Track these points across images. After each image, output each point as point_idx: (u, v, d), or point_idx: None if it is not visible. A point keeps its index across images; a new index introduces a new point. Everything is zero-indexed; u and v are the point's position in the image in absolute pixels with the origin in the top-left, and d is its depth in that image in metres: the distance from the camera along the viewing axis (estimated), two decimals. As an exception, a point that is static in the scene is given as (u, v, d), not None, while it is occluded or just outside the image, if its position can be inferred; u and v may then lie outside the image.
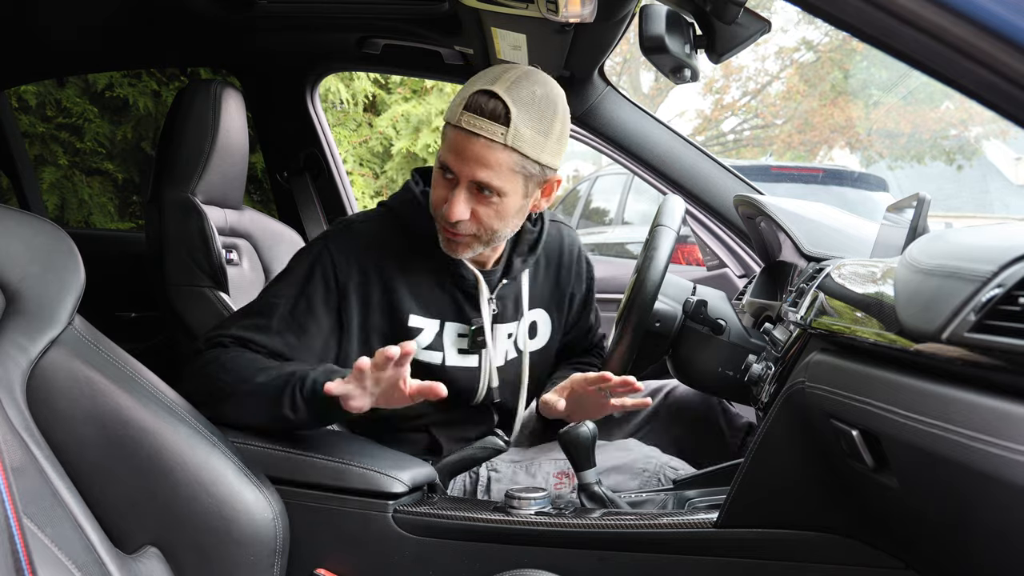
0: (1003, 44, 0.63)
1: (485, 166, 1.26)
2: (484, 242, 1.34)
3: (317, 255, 1.36)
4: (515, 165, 1.27)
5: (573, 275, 1.57)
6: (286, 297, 1.33)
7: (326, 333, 1.34)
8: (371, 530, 1.20)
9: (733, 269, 2.33)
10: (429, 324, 1.39)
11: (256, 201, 3.69)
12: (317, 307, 1.33)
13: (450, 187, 1.30)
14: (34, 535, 0.87)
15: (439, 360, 1.40)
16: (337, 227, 1.43)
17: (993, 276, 0.69)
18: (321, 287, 1.34)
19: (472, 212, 1.29)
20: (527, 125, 1.25)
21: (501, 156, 1.25)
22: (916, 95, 12.18)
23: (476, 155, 1.25)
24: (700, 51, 1.44)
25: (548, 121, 1.28)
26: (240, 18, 1.96)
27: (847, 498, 1.03)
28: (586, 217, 5.96)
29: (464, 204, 1.28)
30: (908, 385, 0.79)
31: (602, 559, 1.15)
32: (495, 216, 1.30)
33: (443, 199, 1.30)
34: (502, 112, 1.24)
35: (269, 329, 1.31)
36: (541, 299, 1.52)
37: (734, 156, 14.11)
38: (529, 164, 1.28)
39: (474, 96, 1.26)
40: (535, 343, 1.52)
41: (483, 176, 1.26)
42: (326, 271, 1.34)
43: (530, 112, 1.26)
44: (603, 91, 2.07)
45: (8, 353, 0.98)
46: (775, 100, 14.07)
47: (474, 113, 1.25)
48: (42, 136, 3.58)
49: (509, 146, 1.25)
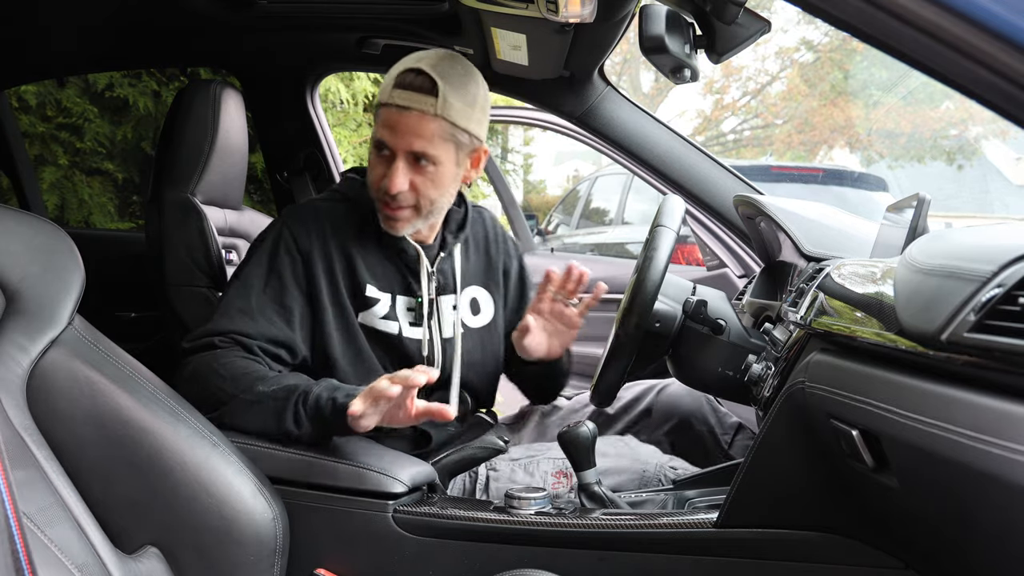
0: (1003, 44, 0.63)
1: (419, 136, 1.35)
2: (423, 215, 1.42)
3: (278, 232, 1.43)
4: (446, 134, 1.36)
5: (502, 251, 1.65)
6: (257, 276, 1.39)
7: (302, 304, 1.39)
8: (371, 530, 1.20)
9: (733, 269, 2.33)
10: (383, 296, 1.45)
11: (256, 201, 3.69)
12: (287, 280, 1.38)
13: (386, 163, 1.38)
14: (34, 535, 0.87)
15: (396, 330, 1.45)
16: (291, 208, 1.51)
17: (993, 276, 0.69)
18: (288, 260, 1.39)
19: (410, 183, 1.37)
20: (454, 96, 1.35)
21: (433, 126, 1.35)
22: (916, 95, 12.18)
23: (410, 127, 1.35)
24: (700, 51, 1.44)
25: (472, 92, 1.39)
26: (240, 18, 1.96)
27: (847, 498, 1.03)
28: (586, 217, 5.96)
29: (402, 175, 1.36)
30: (908, 385, 0.79)
31: (602, 559, 1.15)
32: (432, 185, 1.39)
33: (381, 175, 1.39)
34: (429, 85, 1.34)
35: (251, 311, 1.35)
36: (476, 277, 1.59)
37: (734, 156, 14.12)
38: (459, 132, 1.37)
39: (402, 75, 1.36)
40: (480, 319, 1.57)
41: (418, 146, 1.35)
42: (288, 244, 1.40)
43: (455, 84, 1.36)
44: (603, 91, 2.06)
45: (8, 353, 0.98)
46: (775, 100, 14.08)
47: (404, 89, 1.35)
48: (42, 136, 3.58)
49: (440, 115, 1.34)
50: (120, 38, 2.20)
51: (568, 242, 5.87)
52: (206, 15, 1.93)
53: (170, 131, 1.82)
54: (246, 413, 1.24)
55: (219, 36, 2.17)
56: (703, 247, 2.55)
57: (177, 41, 2.23)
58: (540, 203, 12.90)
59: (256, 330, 1.34)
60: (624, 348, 1.41)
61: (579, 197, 6.17)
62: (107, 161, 3.71)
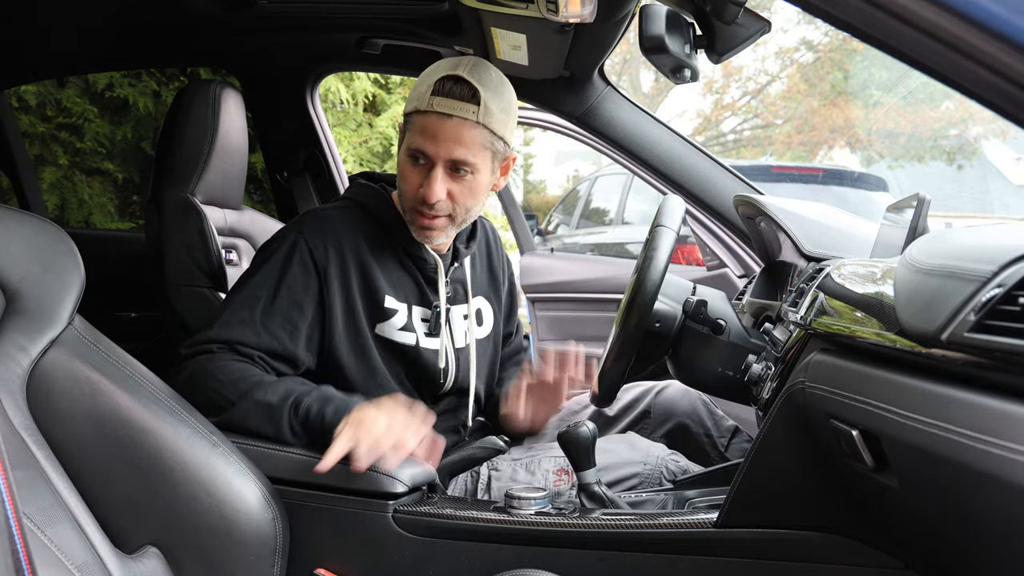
0: (1003, 44, 0.63)
1: (461, 144, 1.33)
2: (457, 223, 1.41)
3: (293, 243, 1.37)
4: (485, 142, 1.35)
5: (503, 262, 1.65)
6: (265, 287, 1.34)
7: (310, 320, 1.36)
8: (371, 530, 1.20)
9: (733, 269, 2.33)
10: (401, 307, 1.43)
11: (256, 201, 3.69)
12: (299, 294, 1.35)
13: (423, 172, 1.35)
14: (34, 535, 0.87)
15: (413, 341, 1.43)
16: (306, 215, 1.46)
17: (993, 276, 0.69)
18: (300, 273, 1.35)
19: (448, 192, 1.35)
20: (493, 103, 1.34)
21: (474, 133, 1.33)
22: (916, 95, 12.18)
23: (451, 135, 1.32)
24: (700, 51, 1.44)
25: (507, 99, 1.38)
26: (240, 18, 1.96)
27: (847, 498, 1.03)
28: (586, 217, 5.95)
29: (441, 184, 1.34)
30: (908, 385, 0.79)
31: (602, 559, 1.15)
32: (469, 193, 1.37)
33: (418, 184, 1.36)
34: (470, 93, 1.32)
35: (254, 324, 1.31)
36: (481, 287, 1.59)
37: (734, 156, 14.12)
38: (496, 140, 1.36)
39: (441, 82, 1.33)
40: (482, 331, 1.57)
41: (459, 154, 1.33)
42: (303, 257, 1.36)
43: (493, 91, 1.35)
44: (603, 91, 2.07)
45: (8, 353, 0.98)
46: (775, 100, 14.08)
47: (445, 97, 1.32)
48: (42, 136, 3.58)
49: (480, 123, 1.33)
50: (120, 38, 2.20)
51: (568, 242, 5.87)
52: (206, 15, 1.93)
53: (170, 131, 1.82)
54: (245, 419, 1.24)
55: (219, 36, 2.17)
56: (703, 247, 2.55)
57: (177, 41, 2.23)
58: (540, 203, 12.91)
59: (257, 342, 1.31)
60: (624, 348, 1.40)
61: (579, 197, 6.16)
62: (107, 161, 3.72)
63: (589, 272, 3.34)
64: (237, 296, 1.36)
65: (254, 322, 1.32)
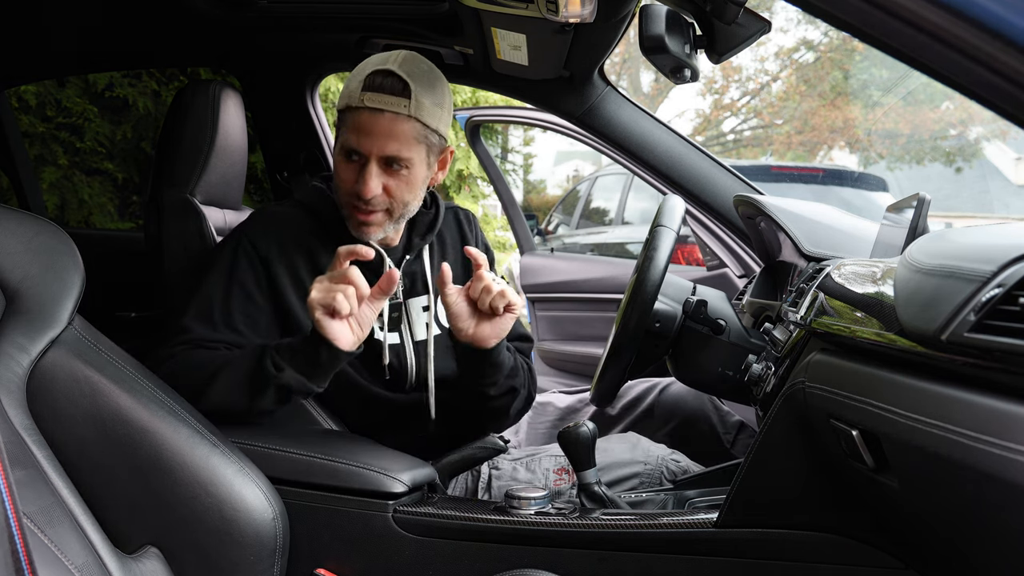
0: (1003, 44, 0.63)
1: (393, 139, 1.33)
2: (395, 218, 1.40)
3: (236, 241, 1.40)
4: (418, 135, 1.34)
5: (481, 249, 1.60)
6: (217, 286, 1.36)
7: (269, 311, 1.37)
8: (371, 530, 1.20)
9: (733, 269, 2.33)
10: None
11: (256, 201, 3.69)
12: (251, 287, 1.36)
13: (357, 168, 1.36)
14: (34, 535, 0.87)
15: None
16: (251, 216, 1.48)
17: (993, 276, 0.69)
18: (248, 268, 1.37)
19: (383, 187, 1.36)
20: (425, 96, 1.33)
21: (406, 127, 1.33)
22: (916, 95, 12.18)
23: (384, 130, 1.32)
24: (700, 51, 1.44)
25: (440, 92, 1.37)
26: (240, 18, 1.96)
27: (847, 498, 1.03)
28: (586, 217, 5.96)
29: (376, 179, 1.34)
30: (908, 385, 0.79)
31: (602, 559, 1.15)
32: (405, 188, 1.37)
33: (352, 180, 1.36)
34: (401, 87, 1.32)
35: (212, 322, 1.33)
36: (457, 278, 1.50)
37: (734, 156, 14.13)
38: (430, 133, 1.36)
39: (371, 77, 1.33)
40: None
41: (392, 149, 1.33)
42: (248, 252, 1.38)
43: (424, 84, 1.34)
44: (603, 91, 2.07)
45: (8, 353, 0.98)
46: (775, 100, 14.09)
47: (376, 92, 1.32)
48: (42, 136, 3.58)
49: (413, 117, 1.33)
50: (120, 38, 2.20)
51: (568, 242, 5.87)
52: (206, 15, 1.93)
53: (169, 131, 1.82)
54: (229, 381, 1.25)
55: (219, 36, 2.17)
56: (703, 247, 2.55)
57: (177, 41, 2.23)
58: (540, 203, 12.92)
59: (218, 339, 1.32)
60: (624, 348, 1.41)
61: (579, 197, 6.16)
62: (107, 161, 3.72)
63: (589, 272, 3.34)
64: (191, 297, 1.37)
65: (212, 320, 1.33)
